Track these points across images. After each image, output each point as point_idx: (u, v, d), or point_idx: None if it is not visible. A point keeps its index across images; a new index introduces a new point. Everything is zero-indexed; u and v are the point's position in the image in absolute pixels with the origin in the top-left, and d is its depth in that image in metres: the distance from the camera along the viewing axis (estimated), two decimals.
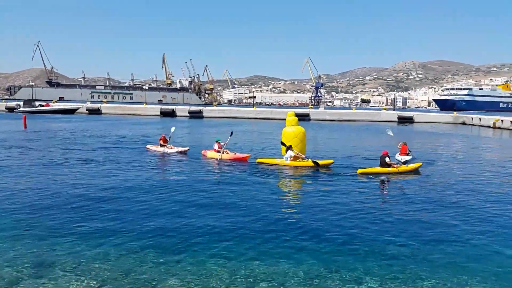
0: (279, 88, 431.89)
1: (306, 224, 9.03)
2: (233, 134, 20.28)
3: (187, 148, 21.15)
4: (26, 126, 35.07)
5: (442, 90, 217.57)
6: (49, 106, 69.90)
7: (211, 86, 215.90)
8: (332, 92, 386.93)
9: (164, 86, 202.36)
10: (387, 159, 15.83)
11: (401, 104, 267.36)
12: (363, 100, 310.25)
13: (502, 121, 49.94)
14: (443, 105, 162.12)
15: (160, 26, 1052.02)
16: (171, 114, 66.65)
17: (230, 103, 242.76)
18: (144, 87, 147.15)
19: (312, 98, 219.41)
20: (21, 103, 70.61)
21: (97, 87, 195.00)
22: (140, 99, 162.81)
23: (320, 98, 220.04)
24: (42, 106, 68.84)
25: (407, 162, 17.48)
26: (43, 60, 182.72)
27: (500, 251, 7.65)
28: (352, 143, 28.16)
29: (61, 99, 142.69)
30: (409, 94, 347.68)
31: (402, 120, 62.69)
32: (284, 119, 20.44)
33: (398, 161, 17.39)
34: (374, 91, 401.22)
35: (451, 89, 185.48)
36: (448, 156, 22.25)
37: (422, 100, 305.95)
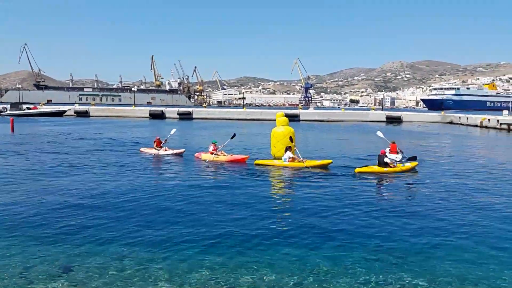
0: (268, 89, 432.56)
1: (303, 223, 9.11)
2: (235, 136, 19.96)
3: (183, 150, 20.65)
4: (13, 129, 34.64)
5: (430, 90, 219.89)
6: (36, 109, 69.08)
7: (201, 88, 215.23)
8: (321, 93, 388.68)
9: (153, 88, 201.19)
10: (385, 159, 16.00)
11: (389, 104, 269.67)
12: (352, 101, 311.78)
13: (489, 120, 50.66)
14: (431, 104, 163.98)
15: (149, 28, 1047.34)
16: (160, 116, 66.31)
17: (220, 104, 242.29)
18: (133, 89, 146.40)
19: (302, 99, 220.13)
20: (8, 106, 69.63)
21: (85, 90, 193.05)
22: (129, 101, 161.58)
23: (310, 98, 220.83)
24: (29, 109, 68.04)
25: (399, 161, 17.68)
26: (30, 62, 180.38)
27: (492, 250, 7.76)
28: (343, 143, 28.35)
29: (48, 102, 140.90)
30: (397, 94, 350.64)
31: (391, 120, 63.18)
32: (274, 120, 20.51)
33: (394, 160, 17.55)
34: (362, 92, 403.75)
35: (438, 88, 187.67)
36: (438, 155, 22.52)
37: (410, 100, 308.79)
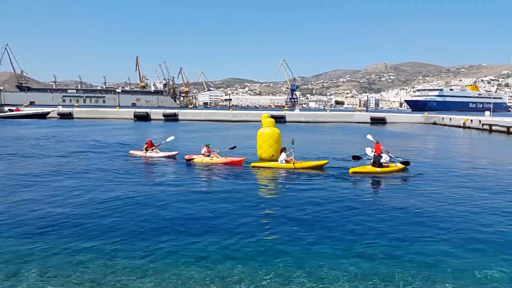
0: (255, 91, 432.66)
1: (298, 223, 9.17)
2: (235, 148, 19.79)
3: (176, 152, 20.18)
4: None
5: (413, 91, 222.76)
6: (19, 110, 68.05)
7: (186, 89, 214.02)
8: (307, 94, 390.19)
9: (138, 89, 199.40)
10: (382, 160, 16.23)
11: (373, 106, 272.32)
12: (337, 102, 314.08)
13: (471, 120, 51.56)
14: (415, 105, 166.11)
15: (133, 28, 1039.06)
16: (145, 118, 65.75)
17: (206, 105, 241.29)
18: (117, 90, 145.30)
19: (288, 100, 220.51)
20: None
21: (68, 91, 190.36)
22: (113, 102, 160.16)
23: (296, 100, 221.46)
24: (11, 111, 66.94)
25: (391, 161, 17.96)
26: (12, 63, 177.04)
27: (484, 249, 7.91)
28: (330, 144, 28.49)
29: (31, 104, 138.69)
30: (381, 95, 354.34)
31: (375, 121, 63.81)
32: (261, 121, 20.49)
33: (390, 160, 17.78)
34: (347, 93, 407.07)
35: (422, 90, 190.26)
36: (424, 155, 22.88)
37: (394, 101, 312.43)
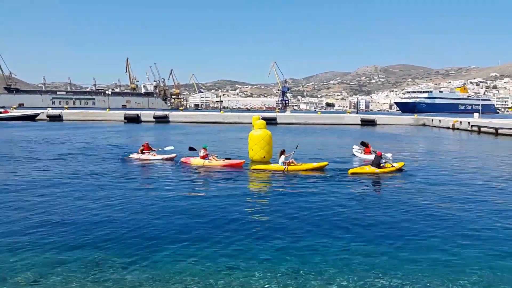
0: (246, 93, 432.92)
1: (296, 224, 9.14)
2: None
3: (175, 154, 19.75)
4: None
5: (403, 93, 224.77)
6: (7, 112, 67.47)
7: (177, 91, 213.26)
8: (298, 96, 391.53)
9: (128, 91, 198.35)
10: (381, 161, 16.44)
11: (364, 108, 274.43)
12: (328, 104, 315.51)
13: (461, 122, 52.14)
14: (404, 107, 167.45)
15: (123, 30, 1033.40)
16: (135, 120, 65.33)
17: (197, 107, 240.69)
18: (107, 92, 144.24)
19: (279, 102, 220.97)
20: None
21: (58, 93, 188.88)
22: (103, 104, 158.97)
23: (287, 102, 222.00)
24: (0, 113, 66.26)
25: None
26: (0, 65, 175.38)
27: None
28: (321, 145, 28.56)
29: (20, 106, 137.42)
30: (371, 97, 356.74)
31: (365, 123, 64.32)
32: (252, 123, 20.53)
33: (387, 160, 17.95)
34: (338, 95, 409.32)
35: (412, 92, 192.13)
36: (415, 156, 23.10)
37: (384, 103, 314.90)
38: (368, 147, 21.67)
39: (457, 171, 17.47)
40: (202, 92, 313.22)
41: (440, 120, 59.58)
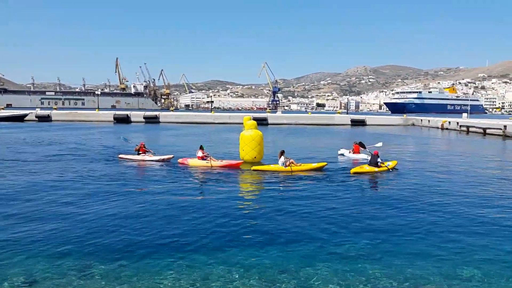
0: (237, 93, 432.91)
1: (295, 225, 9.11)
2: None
3: (171, 155, 19.41)
4: None
5: (392, 94, 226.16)
6: None
7: (168, 91, 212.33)
8: (289, 97, 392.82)
9: (118, 91, 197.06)
10: (378, 160, 16.61)
11: (354, 108, 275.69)
12: (319, 104, 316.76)
13: (449, 122, 52.70)
14: (394, 108, 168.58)
15: (113, 29, 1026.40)
16: (125, 120, 64.86)
17: (187, 108, 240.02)
18: (96, 92, 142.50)
19: (270, 103, 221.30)
20: None
21: (47, 93, 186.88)
22: (92, 105, 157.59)
23: (278, 102, 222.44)
24: None
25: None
26: None
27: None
28: (312, 145, 28.63)
29: (8, 106, 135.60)
30: (361, 98, 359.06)
31: (355, 123, 64.77)
32: (243, 124, 20.48)
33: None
34: (328, 95, 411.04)
35: (401, 92, 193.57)
36: (405, 155, 23.26)
37: (374, 104, 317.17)
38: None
39: (443, 172, 17.50)
40: (193, 92, 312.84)
41: (429, 120, 60.17)
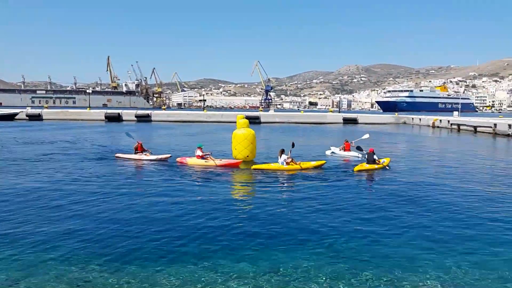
0: (229, 91, 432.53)
1: (294, 224, 9.08)
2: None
3: (169, 155, 19.28)
4: None
5: (384, 92, 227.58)
6: None
7: (160, 89, 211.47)
8: (282, 95, 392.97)
9: (109, 90, 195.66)
10: (374, 156, 16.76)
11: (346, 106, 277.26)
12: (311, 103, 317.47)
13: (440, 120, 53.13)
14: (386, 106, 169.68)
15: (104, 27, 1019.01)
16: (117, 119, 64.44)
17: (180, 106, 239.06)
18: (88, 91, 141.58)
19: (262, 101, 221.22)
20: None
21: (38, 92, 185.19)
22: (84, 103, 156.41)
23: (270, 101, 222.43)
24: None
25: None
26: None
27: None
28: (304, 143, 28.67)
29: None
30: (353, 96, 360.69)
31: (347, 121, 65.02)
32: (235, 122, 20.40)
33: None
34: (321, 94, 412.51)
35: (393, 91, 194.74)
36: (397, 153, 23.47)
37: (366, 102, 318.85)
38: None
39: (437, 171, 17.69)
40: (185, 91, 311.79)
41: (420, 119, 60.58)
